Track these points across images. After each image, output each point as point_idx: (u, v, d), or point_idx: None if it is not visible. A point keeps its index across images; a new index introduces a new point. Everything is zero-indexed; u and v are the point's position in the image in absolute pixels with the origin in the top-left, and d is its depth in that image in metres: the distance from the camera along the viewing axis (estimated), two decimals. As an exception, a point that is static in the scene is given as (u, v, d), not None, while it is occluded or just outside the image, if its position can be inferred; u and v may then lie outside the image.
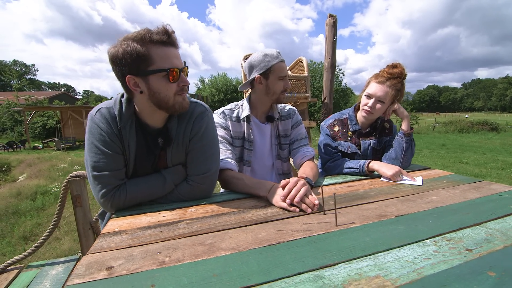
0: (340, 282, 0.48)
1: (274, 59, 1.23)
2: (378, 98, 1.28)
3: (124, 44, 0.76)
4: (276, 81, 1.25)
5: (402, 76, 1.27)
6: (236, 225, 0.74)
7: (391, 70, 1.27)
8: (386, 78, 1.27)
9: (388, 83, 1.26)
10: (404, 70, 1.28)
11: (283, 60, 1.26)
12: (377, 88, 1.27)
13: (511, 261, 0.54)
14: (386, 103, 1.29)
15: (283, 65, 1.26)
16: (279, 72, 1.24)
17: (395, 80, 1.26)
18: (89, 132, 0.85)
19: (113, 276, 0.53)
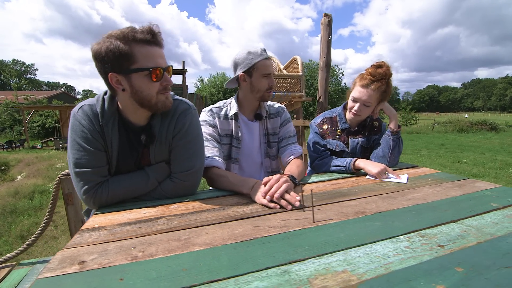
0: (306, 277, 0.48)
1: (258, 57, 1.23)
2: (363, 102, 1.28)
3: (107, 42, 0.76)
4: (260, 78, 1.25)
5: (387, 77, 1.25)
6: (214, 222, 0.74)
7: (375, 71, 1.25)
8: (370, 81, 1.25)
9: (372, 87, 1.25)
10: (389, 69, 1.26)
11: (267, 58, 1.26)
12: (361, 93, 1.27)
13: (481, 257, 0.54)
14: (372, 105, 1.29)
15: (267, 62, 1.25)
16: (263, 69, 1.24)
17: (379, 83, 1.24)
18: (71, 129, 0.86)
19: (84, 270, 0.53)
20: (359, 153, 1.42)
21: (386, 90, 1.27)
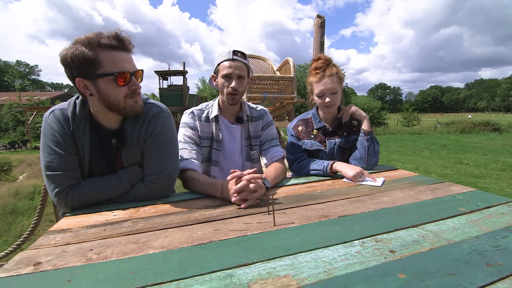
0: (247, 281, 0.49)
1: (222, 58, 1.23)
2: (329, 91, 1.31)
3: (73, 48, 0.78)
4: (221, 80, 1.24)
5: (329, 61, 1.34)
6: (178, 225, 0.76)
7: (318, 64, 1.33)
8: (322, 72, 1.31)
9: (327, 74, 1.30)
10: (327, 56, 1.37)
11: (231, 59, 1.21)
12: (323, 85, 1.31)
13: (428, 263, 0.55)
14: (338, 90, 1.33)
15: (228, 63, 1.22)
16: (223, 70, 1.23)
17: (329, 68, 1.31)
18: (42, 133, 0.87)
19: (37, 271, 0.54)
20: (337, 154, 1.41)
21: (338, 72, 1.33)
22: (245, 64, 1.25)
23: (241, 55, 1.24)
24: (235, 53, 1.22)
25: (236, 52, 1.23)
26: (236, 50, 1.23)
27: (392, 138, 15.52)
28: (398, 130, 20.27)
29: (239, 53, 1.23)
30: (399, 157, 9.08)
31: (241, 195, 0.87)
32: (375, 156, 1.35)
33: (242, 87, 1.26)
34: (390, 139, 14.91)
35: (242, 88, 1.27)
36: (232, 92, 1.23)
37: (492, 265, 0.53)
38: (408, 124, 23.85)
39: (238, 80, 1.23)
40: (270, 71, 3.58)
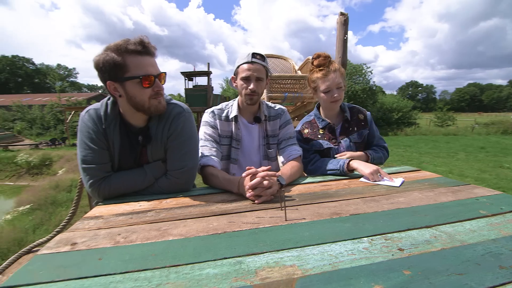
0: (255, 268, 0.53)
1: (241, 60, 1.27)
2: (335, 86, 1.33)
3: (104, 54, 0.87)
4: (240, 82, 1.29)
5: (329, 58, 1.37)
6: (196, 216, 0.81)
7: (320, 62, 1.36)
8: (325, 68, 1.34)
9: (331, 69, 1.33)
10: (326, 53, 1.40)
11: (250, 62, 1.26)
12: (329, 80, 1.33)
13: (437, 262, 0.55)
14: (343, 85, 1.36)
15: (247, 66, 1.26)
16: (241, 72, 1.27)
17: (331, 64, 1.35)
18: (79, 130, 0.98)
19: (73, 250, 0.62)
20: (354, 151, 1.41)
21: (340, 68, 1.36)
22: (263, 66, 1.29)
23: (260, 57, 1.28)
24: (254, 55, 1.26)
25: (255, 54, 1.27)
26: (255, 52, 1.27)
27: (423, 139, 14.71)
28: (430, 130, 19.14)
29: (258, 55, 1.27)
30: (431, 160, 8.59)
31: (256, 191, 0.91)
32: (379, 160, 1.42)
33: (260, 88, 1.30)
34: (421, 140, 14.14)
35: (260, 89, 1.31)
36: (250, 93, 1.28)
37: (506, 267, 0.52)
38: (442, 124, 22.43)
39: (256, 82, 1.27)
40: (291, 70, 3.58)
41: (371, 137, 1.49)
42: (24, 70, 60.37)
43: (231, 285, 0.48)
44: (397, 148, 11.44)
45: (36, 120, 19.74)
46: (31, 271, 0.55)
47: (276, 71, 3.49)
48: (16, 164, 10.83)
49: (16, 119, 20.19)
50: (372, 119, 1.50)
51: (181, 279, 0.50)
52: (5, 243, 4.40)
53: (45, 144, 14.30)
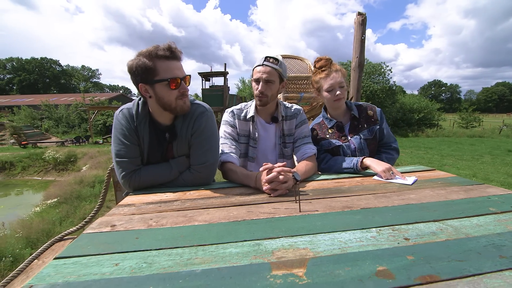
0: (272, 249, 0.60)
1: (256, 63, 1.35)
2: (338, 84, 1.39)
3: (136, 59, 0.97)
4: (253, 83, 1.37)
5: (330, 60, 1.45)
6: (217, 206, 0.89)
7: (322, 63, 1.44)
8: (327, 69, 1.41)
9: (333, 69, 1.40)
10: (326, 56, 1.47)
11: (262, 65, 1.33)
12: (331, 80, 1.39)
13: (440, 251, 0.59)
14: (345, 84, 1.42)
15: (258, 68, 1.34)
16: (254, 74, 1.35)
17: (333, 65, 1.42)
18: (114, 127, 1.09)
19: (113, 230, 0.72)
20: (365, 147, 1.44)
21: (341, 69, 1.43)
22: (275, 69, 1.33)
23: (273, 60, 1.33)
24: (267, 59, 1.33)
25: (268, 58, 1.33)
26: (268, 56, 1.34)
27: (446, 141, 14.16)
28: (454, 132, 18.36)
29: (271, 58, 1.33)
30: (454, 162, 8.27)
31: (272, 185, 0.98)
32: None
33: (269, 91, 1.34)
34: (444, 142, 13.62)
35: (270, 91, 1.35)
36: (259, 95, 1.34)
37: (506, 257, 0.56)
38: (466, 126, 21.44)
39: (265, 84, 1.33)
40: (307, 71, 3.61)
41: (381, 133, 1.50)
42: (51, 72, 63.79)
43: (251, 261, 0.56)
44: (418, 150, 11.09)
45: (62, 119, 20.83)
46: (80, 246, 0.65)
47: (292, 71, 3.54)
48: (44, 160, 11.50)
49: (44, 118, 21.41)
50: (383, 115, 1.52)
51: (207, 255, 0.58)
52: (35, 234, 4.72)
53: (70, 142, 15.07)
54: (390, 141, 1.52)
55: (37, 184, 10.07)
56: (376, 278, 0.49)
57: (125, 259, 0.58)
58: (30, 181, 10.44)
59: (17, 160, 11.32)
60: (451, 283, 0.48)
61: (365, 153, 1.43)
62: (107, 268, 0.54)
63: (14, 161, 11.29)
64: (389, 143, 1.52)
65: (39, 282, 0.51)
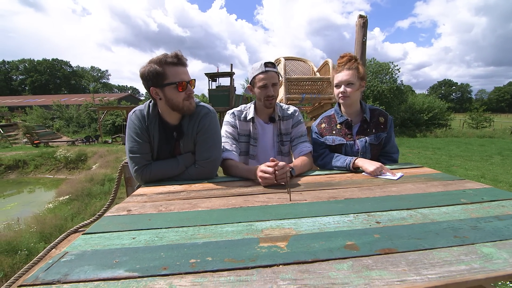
0: (262, 228, 0.72)
1: (256, 71, 1.45)
2: (346, 82, 1.43)
3: (148, 66, 1.11)
4: (258, 90, 1.47)
5: (353, 57, 1.46)
6: (218, 196, 1.02)
7: (341, 59, 1.47)
8: (343, 64, 1.45)
9: (346, 67, 1.44)
10: (352, 54, 1.49)
11: (265, 71, 1.43)
12: (340, 76, 1.44)
13: (404, 231, 0.69)
14: (355, 83, 1.43)
15: (262, 76, 1.44)
16: (259, 82, 1.45)
17: (350, 63, 1.44)
18: (128, 127, 1.22)
19: (129, 214, 0.85)
20: (369, 151, 1.49)
21: (358, 67, 1.44)
22: (275, 72, 1.47)
23: (271, 65, 1.46)
24: (267, 65, 1.44)
25: (267, 64, 1.45)
26: (266, 62, 1.45)
27: (455, 141, 13.96)
28: (463, 132, 18.05)
29: (269, 64, 1.45)
30: (462, 163, 8.18)
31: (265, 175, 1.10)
32: None
33: (276, 92, 1.49)
34: (453, 142, 13.44)
35: (277, 93, 1.50)
36: (270, 98, 1.46)
37: (459, 237, 0.66)
38: (477, 126, 21.04)
39: (273, 87, 1.46)
40: (310, 72, 3.71)
41: (386, 141, 1.54)
42: (62, 72, 65.25)
43: (243, 237, 0.67)
44: (425, 150, 10.98)
45: (73, 118, 21.38)
46: (103, 225, 0.78)
47: (295, 73, 3.65)
48: (55, 159, 11.85)
49: (55, 118, 22.00)
50: (392, 124, 1.56)
51: (208, 232, 0.70)
52: (48, 228, 4.94)
53: (80, 141, 15.48)
54: (392, 151, 1.56)
55: (49, 182, 10.40)
56: (343, 249, 0.60)
57: (140, 234, 0.71)
58: (42, 179, 10.78)
59: (29, 159, 11.70)
60: (405, 254, 0.59)
61: (367, 157, 1.48)
62: (126, 241, 0.67)
63: (27, 160, 11.68)
64: (391, 153, 1.56)
65: (72, 250, 0.64)
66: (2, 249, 4.14)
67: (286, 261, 0.56)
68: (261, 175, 1.12)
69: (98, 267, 0.56)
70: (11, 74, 63.15)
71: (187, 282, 0.50)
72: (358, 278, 0.50)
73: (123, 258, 0.59)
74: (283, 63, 2.98)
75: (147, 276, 0.52)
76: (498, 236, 0.66)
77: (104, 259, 0.59)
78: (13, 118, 21.76)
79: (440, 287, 0.49)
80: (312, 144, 1.60)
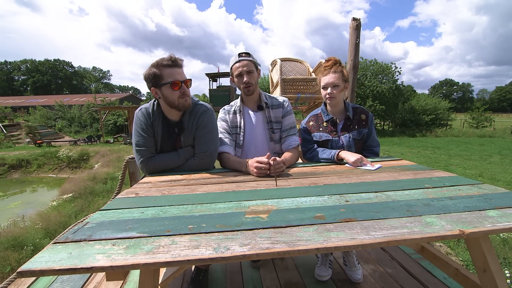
0: (249, 205, 0.86)
1: (232, 62, 1.56)
2: (331, 84, 1.57)
3: (148, 69, 1.27)
4: (236, 79, 1.58)
5: (337, 62, 1.60)
6: (214, 183, 1.16)
7: (327, 63, 1.61)
8: (328, 68, 1.59)
9: (332, 70, 1.58)
10: (336, 58, 1.62)
11: (238, 61, 1.53)
12: (326, 79, 1.58)
13: (365, 207, 0.83)
14: (340, 85, 1.57)
15: (237, 65, 1.53)
16: (235, 71, 1.55)
17: (335, 66, 1.58)
18: (134, 123, 1.37)
19: (137, 196, 1.00)
20: (353, 145, 1.63)
21: (342, 70, 1.59)
22: (250, 60, 1.55)
23: (246, 54, 1.55)
24: (240, 54, 1.55)
25: (241, 54, 1.55)
26: (240, 52, 1.57)
27: (455, 141, 14.03)
28: (463, 132, 18.10)
29: (244, 53, 1.55)
30: (461, 162, 8.24)
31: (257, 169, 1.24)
32: None
33: (253, 79, 1.55)
34: (453, 142, 13.51)
35: (253, 79, 1.56)
36: (246, 85, 1.56)
37: (410, 211, 0.80)
38: (477, 126, 21.09)
39: (248, 75, 1.54)
40: (306, 73, 3.85)
41: (367, 136, 1.68)
42: (63, 73, 65.58)
43: (233, 211, 0.82)
44: (425, 149, 11.04)
45: (75, 118, 21.59)
46: (115, 204, 0.93)
47: (291, 74, 3.79)
48: (58, 159, 12.02)
49: (57, 118, 22.22)
50: (373, 120, 1.71)
51: (204, 208, 0.85)
52: (53, 225, 5.09)
53: (82, 141, 15.66)
54: (373, 145, 1.69)
55: (51, 181, 10.56)
56: (312, 219, 0.75)
57: (147, 210, 0.85)
58: (45, 178, 10.95)
59: (32, 158, 11.87)
60: (362, 222, 0.73)
61: (352, 151, 1.61)
62: (136, 214, 0.82)
63: (30, 159, 11.84)
64: (372, 146, 1.70)
65: (92, 220, 0.78)
66: (8, 244, 4.30)
67: (265, 226, 0.71)
68: (257, 165, 1.24)
69: (115, 231, 0.70)
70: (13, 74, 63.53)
71: (186, 239, 0.64)
72: (319, 236, 0.65)
73: (135, 225, 0.74)
74: (279, 64, 3.12)
75: (154, 236, 0.67)
76: (443, 210, 0.81)
77: (119, 225, 0.74)
78: (16, 118, 21.99)
79: (383, 243, 0.64)
80: (301, 139, 1.73)
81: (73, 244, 0.64)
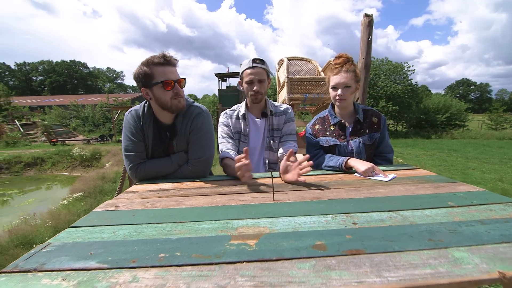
0: (237, 226, 0.73)
1: (244, 67, 1.48)
2: (342, 85, 1.43)
3: (138, 68, 1.16)
4: (245, 85, 1.50)
5: (349, 59, 1.45)
6: (205, 194, 1.04)
7: (338, 60, 1.46)
8: (339, 67, 1.44)
9: (344, 69, 1.43)
10: (348, 55, 1.48)
11: (252, 67, 1.46)
12: (337, 78, 1.44)
13: (377, 233, 0.69)
14: (351, 85, 1.43)
15: (249, 71, 1.46)
16: (246, 77, 1.48)
17: (347, 65, 1.43)
18: (124, 126, 1.27)
19: (116, 210, 0.89)
20: (363, 151, 1.49)
21: (355, 70, 1.44)
22: (263, 69, 1.48)
23: (260, 61, 1.47)
24: (254, 61, 1.46)
25: (255, 60, 1.47)
26: (255, 58, 1.47)
27: (472, 143, 13.44)
28: (482, 134, 17.34)
29: (258, 60, 1.47)
30: (479, 166, 7.84)
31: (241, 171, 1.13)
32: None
33: (263, 88, 1.50)
34: (470, 144, 12.94)
35: (263, 89, 1.50)
36: (255, 94, 1.48)
37: (434, 240, 0.65)
38: (496, 127, 20.16)
39: (258, 83, 1.47)
40: (315, 72, 3.68)
41: (380, 141, 1.53)
42: (79, 73, 67.51)
43: (217, 234, 0.69)
44: (440, 152, 10.62)
45: (88, 118, 22.09)
46: (89, 220, 0.82)
47: (300, 73, 3.63)
48: (71, 157, 12.30)
49: (72, 117, 22.80)
50: (386, 123, 1.55)
51: (184, 229, 0.73)
52: (62, 224, 5.14)
53: (95, 140, 15.98)
54: (386, 151, 1.55)
55: (65, 179, 10.79)
56: (310, 249, 0.61)
57: (121, 229, 0.74)
58: (59, 176, 11.21)
59: (47, 157, 12.19)
60: (372, 256, 0.59)
61: (362, 157, 1.47)
62: (106, 234, 0.70)
63: (45, 157, 12.17)
64: (385, 153, 1.55)
65: (55, 241, 0.68)
66: (18, 242, 4.35)
67: (251, 258, 0.57)
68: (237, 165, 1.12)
69: (73, 258, 0.59)
70: (31, 75, 65.90)
71: (151, 275, 0.52)
72: (316, 278, 0.51)
73: (99, 250, 0.62)
74: (285, 64, 2.98)
75: (115, 268, 0.55)
76: (475, 241, 0.65)
77: (81, 250, 0.62)
78: (33, 117, 22.71)
79: (399, 289, 0.49)
80: (306, 145, 1.60)
81: (19, 275, 0.54)
